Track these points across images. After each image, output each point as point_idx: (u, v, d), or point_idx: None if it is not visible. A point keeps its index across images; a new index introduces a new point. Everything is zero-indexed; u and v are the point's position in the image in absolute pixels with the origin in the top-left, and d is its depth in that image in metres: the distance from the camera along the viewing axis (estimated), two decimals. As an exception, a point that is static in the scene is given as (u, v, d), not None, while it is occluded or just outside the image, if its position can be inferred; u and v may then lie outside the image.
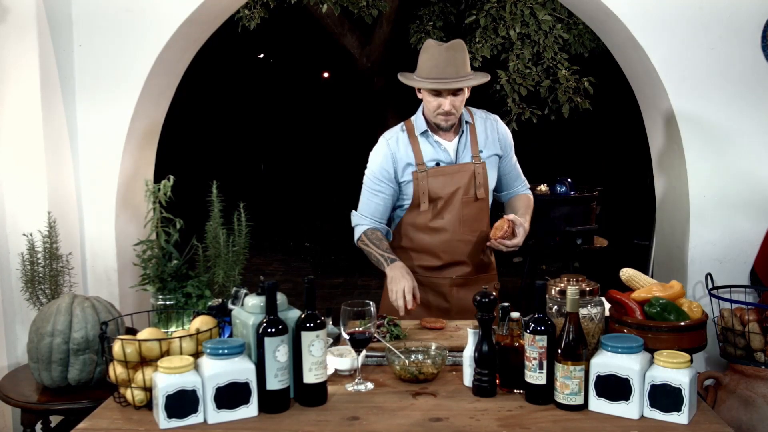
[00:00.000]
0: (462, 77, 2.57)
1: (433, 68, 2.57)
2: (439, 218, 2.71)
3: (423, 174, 2.68)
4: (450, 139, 2.73)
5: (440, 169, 2.69)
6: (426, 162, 2.69)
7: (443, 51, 2.57)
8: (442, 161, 2.70)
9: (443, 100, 2.60)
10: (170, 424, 1.79)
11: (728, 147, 3.01)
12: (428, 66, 2.59)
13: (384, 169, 2.69)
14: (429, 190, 2.68)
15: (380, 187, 2.71)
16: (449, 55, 2.57)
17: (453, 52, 2.57)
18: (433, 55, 2.59)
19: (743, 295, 3.00)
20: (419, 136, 2.70)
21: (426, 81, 2.59)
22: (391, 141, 2.72)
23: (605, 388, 1.84)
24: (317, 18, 7.60)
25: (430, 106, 2.65)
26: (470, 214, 2.72)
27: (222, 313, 2.16)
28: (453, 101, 2.60)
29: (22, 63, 2.90)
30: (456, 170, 2.70)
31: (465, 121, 2.74)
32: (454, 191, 2.69)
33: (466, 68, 2.60)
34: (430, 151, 2.70)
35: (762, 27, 2.93)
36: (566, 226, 4.98)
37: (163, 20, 3.08)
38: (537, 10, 5.91)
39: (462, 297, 2.73)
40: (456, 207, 2.70)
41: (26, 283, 2.78)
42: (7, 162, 2.94)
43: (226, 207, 2.70)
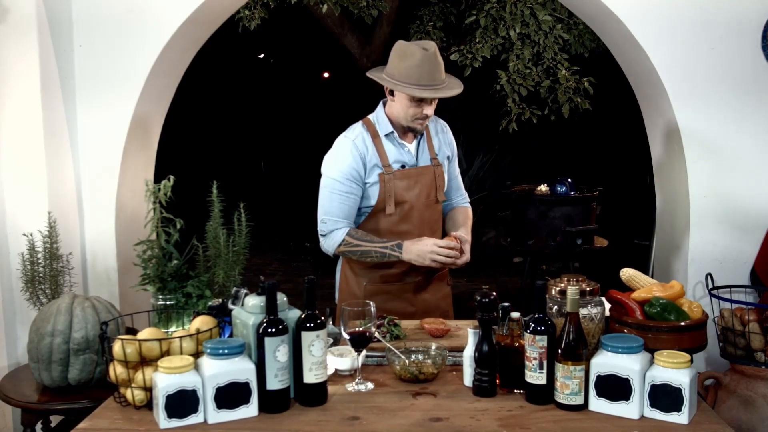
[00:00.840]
0: (446, 85, 2.57)
1: (425, 74, 2.51)
2: (405, 222, 2.66)
3: (390, 176, 2.63)
4: (410, 141, 2.71)
5: (405, 172, 2.66)
6: (392, 164, 2.64)
7: (431, 57, 2.51)
8: (407, 163, 2.67)
9: (427, 106, 2.57)
10: (170, 424, 1.79)
11: (728, 147, 3.01)
12: (417, 72, 2.51)
13: (354, 170, 2.61)
14: (395, 192, 2.63)
15: (350, 188, 2.62)
16: (436, 61, 2.53)
17: (435, 57, 2.53)
18: (423, 61, 2.51)
19: (743, 295, 3.00)
20: (384, 137, 2.65)
21: (418, 88, 2.51)
22: (357, 141, 2.63)
23: (605, 388, 1.84)
24: (317, 18, 7.60)
25: (408, 111, 2.58)
26: (431, 217, 2.73)
27: (222, 313, 2.16)
28: (433, 106, 2.60)
29: (23, 63, 2.90)
30: (419, 172, 2.68)
31: None
32: (418, 193, 2.66)
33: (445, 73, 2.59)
34: (394, 153, 2.66)
35: (762, 27, 2.93)
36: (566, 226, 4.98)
37: (164, 20, 3.08)
38: (537, 10, 5.91)
39: (424, 299, 2.73)
40: (420, 210, 2.68)
41: (26, 283, 2.78)
42: (8, 162, 2.95)
43: (226, 207, 2.69)
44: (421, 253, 2.53)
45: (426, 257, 2.53)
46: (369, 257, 2.61)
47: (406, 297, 2.72)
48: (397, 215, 2.66)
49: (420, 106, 2.57)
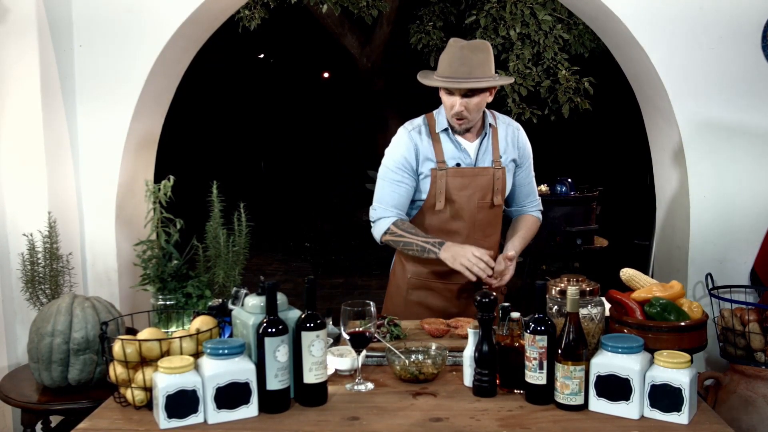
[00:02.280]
0: (474, 78, 2.49)
1: (447, 67, 2.52)
2: (455, 221, 2.65)
3: (442, 173, 2.61)
4: (471, 140, 2.66)
5: (460, 170, 2.63)
6: (446, 160, 2.63)
7: (458, 50, 2.51)
8: (463, 162, 2.64)
9: (454, 100, 2.53)
10: (170, 424, 1.79)
11: (728, 147, 3.01)
12: (444, 64, 2.54)
13: (406, 159, 2.62)
14: (447, 189, 2.62)
15: (402, 177, 2.62)
16: (464, 54, 2.49)
17: (469, 52, 2.50)
18: (450, 53, 2.53)
19: (743, 295, 3.00)
20: (440, 133, 2.64)
21: (437, 79, 2.53)
22: (413, 133, 2.65)
23: (605, 388, 1.84)
24: (317, 18, 7.60)
25: (445, 106, 2.59)
26: (485, 219, 2.67)
27: (222, 313, 2.16)
28: (465, 103, 2.52)
29: (23, 63, 2.90)
30: (476, 173, 2.64)
31: (488, 123, 2.67)
32: (471, 194, 2.63)
33: (482, 70, 2.51)
34: (451, 150, 2.64)
35: (762, 27, 2.93)
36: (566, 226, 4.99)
37: (163, 21, 3.08)
38: (537, 10, 5.91)
39: (470, 303, 2.68)
40: (472, 211, 2.64)
41: (26, 283, 2.78)
42: (8, 162, 2.95)
43: (226, 207, 2.69)
44: (456, 255, 2.49)
45: (458, 260, 2.48)
46: (410, 250, 2.59)
47: (448, 297, 2.70)
48: (447, 213, 2.65)
49: (450, 100, 2.54)
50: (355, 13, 6.76)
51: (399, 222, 2.62)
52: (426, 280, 2.71)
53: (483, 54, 2.53)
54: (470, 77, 2.49)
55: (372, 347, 2.16)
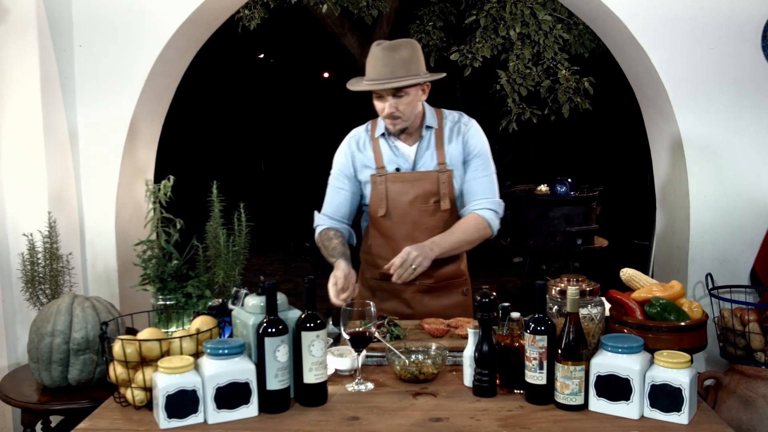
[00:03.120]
0: (398, 77, 2.42)
1: (371, 70, 2.47)
2: (398, 226, 2.60)
3: (381, 178, 2.58)
4: (410, 144, 2.60)
5: (400, 175, 2.58)
6: (386, 165, 2.60)
7: (380, 51, 2.45)
8: (402, 167, 2.59)
9: (384, 102, 2.47)
10: (170, 424, 1.79)
11: (728, 147, 3.01)
12: (368, 68, 2.49)
13: (344, 166, 2.64)
14: (387, 195, 2.58)
15: (342, 183, 2.64)
16: (385, 54, 2.44)
17: (390, 51, 2.44)
18: (372, 56, 2.47)
19: (743, 295, 3.00)
20: (379, 138, 2.62)
21: (363, 84, 2.48)
22: (352, 140, 2.66)
23: (605, 388, 1.84)
24: (317, 18, 7.60)
25: (377, 110, 2.53)
26: (431, 224, 2.58)
27: (222, 313, 2.16)
28: (396, 104, 2.46)
29: (23, 63, 2.90)
30: (417, 177, 2.57)
31: (426, 125, 2.59)
32: (413, 199, 2.57)
33: (406, 68, 2.44)
34: (389, 155, 2.60)
35: (762, 27, 2.93)
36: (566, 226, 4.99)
37: (163, 20, 3.08)
38: (537, 10, 5.91)
39: (426, 303, 2.64)
40: (415, 216, 2.58)
41: (26, 283, 2.78)
42: (8, 162, 2.95)
43: (226, 207, 2.70)
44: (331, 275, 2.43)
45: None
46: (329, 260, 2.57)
47: (404, 298, 2.67)
48: (390, 219, 2.60)
49: (380, 104, 2.49)
50: (355, 13, 6.76)
51: (323, 233, 2.64)
52: (380, 281, 2.69)
53: (406, 51, 2.45)
54: (393, 77, 2.43)
55: (372, 347, 2.16)
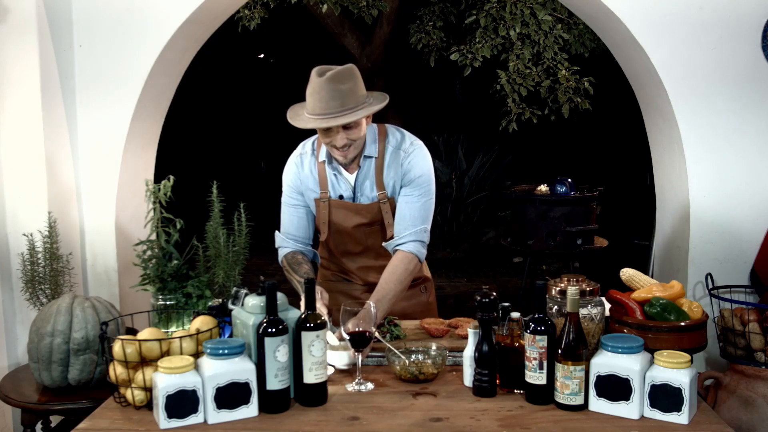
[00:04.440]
0: (349, 109, 2.30)
1: (317, 103, 2.31)
2: (339, 248, 2.59)
3: (324, 203, 2.54)
4: (352, 171, 2.52)
5: (343, 203, 2.53)
6: (329, 190, 2.55)
7: (325, 83, 2.29)
8: (344, 195, 2.53)
9: (334, 136, 2.36)
10: (170, 424, 1.79)
11: (728, 147, 3.01)
12: (312, 101, 2.33)
13: (296, 184, 2.59)
14: (330, 220, 2.56)
15: (297, 200, 2.60)
16: (331, 86, 2.29)
17: (336, 83, 2.29)
18: (315, 88, 2.31)
19: (743, 295, 3.00)
20: (324, 163, 2.54)
21: (311, 119, 2.34)
22: (298, 160, 2.59)
23: (605, 388, 1.84)
24: (317, 18, 7.60)
25: (325, 143, 2.43)
26: (377, 243, 2.56)
27: (222, 313, 2.16)
28: (347, 134, 2.35)
29: (23, 63, 2.90)
30: (360, 209, 2.52)
31: (365, 156, 2.49)
32: (356, 225, 2.53)
33: (354, 97, 2.32)
34: (333, 181, 2.54)
35: (762, 27, 2.93)
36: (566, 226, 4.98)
37: (164, 20, 3.08)
38: (537, 10, 5.91)
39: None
40: (360, 238, 2.57)
41: (26, 283, 2.78)
42: (8, 162, 2.95)
43: (226, 207, 2.69)
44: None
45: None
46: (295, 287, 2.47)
47: (359, 297, 2.62)
48: (335, 240, 2.60)
49: (329, 137, 2.37)
50: (355, 13, 6.76)
51: (290, 256, 2.57)
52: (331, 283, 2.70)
53: (351, 81, 2.33)
54: (344, 109, 2.30)
55: (372, 347, 2.16)
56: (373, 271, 2.61)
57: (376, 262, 2.61)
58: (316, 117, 2.33)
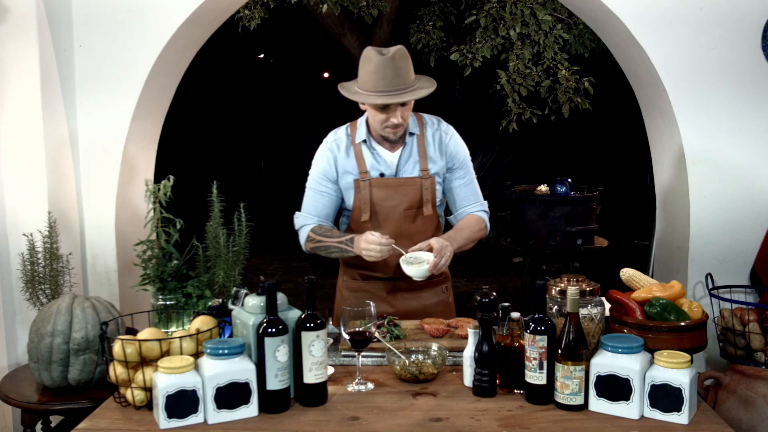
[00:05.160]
0: (410, 88, 2.43)
1: (380, 80, 2.41)
2: (380, 231, 2.57)
3: (365, 183, 2.58)
4: (392, 150, 2.61)
5: (384, 180, 2.59)
6: (369, 170, 2.59)
7: (389, 61, 2.41)
8: (385, 173, 2.60)
9: (391, 113, 2.46)
10: (170, 424, 1.79)
11: (728, 147, 3.01)
12: (373, 78, 2.42)
13: (326, 170, 2.63)
14: (371, 200, 2.59)
15: (325, 187, 2.64)
16: (395, 65, 2.41)
17: (398, 61, 2.42)
18: (378, 66, 2.41)
19: (743, 295, 3.00)
20: (361, 144, 2.61)
21: (373, 95, 2.43)
22: (333, 145, 2.64)
23: (605, 388, 1.84)
24: (317, 18, 7.60)
25: (376, 119, 2.50)
26: (414, 229, 2.61)
27: (222, 313, 2.16)
28: (402, 113, 2.47)
29: (23, 63, 2.90)
30: (401, 183, 2.58)
31: (409, 132, 2.60)
32: (397, 204, 2.58)
33: (411, 76, 2.46)
34: (371, 161, 2.60)
35: (762, 27, 2.93)
36: (566, 226, 4.99)
37: (164, 20, 3.08)
38: (537, 10, 5.91)
39: (407, 302, 2.65)
40: (398, 220, 2.60)
41: (26, 283, 2.78)
42: (8, 162, 2.95)
43: (226, 207, 2.69)
44: (358, 245, 2.46)
45: (361, 249, 2.45)
46: (332, 253, 2.58)
47: (384, 297, 2.67)
48: (373, 223, 2.60)
49: (386, 114, 2.47)
50: (355, 13, 6.76)
51: (317, 227, 2.62)
52: (360, 282, 2.71)
53: (408, 60, 2.47)
54: (407, 87, 2.43)
55: (372, 347, 2.16)
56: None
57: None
58: (380, 93, 2.42)
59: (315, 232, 2.61)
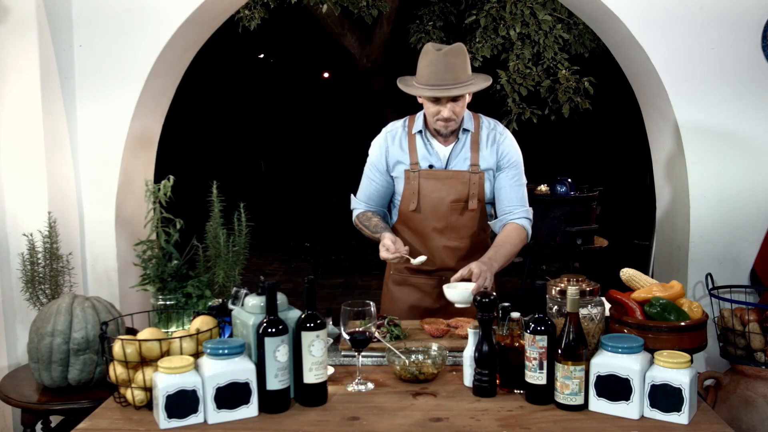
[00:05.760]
0: (461, 83, 2.52)
1: (432, 74, 2.52)
2: (428, 222, 2.67)
3: (415, 174, 2.65)
4: (445, 144, 2.68)
5: (433, 172, 2.66)
6: (420, 162, 2.67)
7: (441, 56, 2.51)
8: (435, 165, 2.67)
9: (442, 107, 2.55)
10: (170, 424, 1.79)
11: (728, 147, 3.01)
12: (427, 72, 2.53)
13: (378, 160, 2.72)
14: (419, 191, 2.65)
15: (374, 176, 2.73)
16: (448, 60, 2.51)
17: (452, 57, 2.51)
18: (432, 60, 2.53)
19: (743, 295, 3.00)
20: (416, 135, 2.69)
21: (424, 88, 2.54)
22: (388, 135, 2.73)
23: (605, 388, 1.84)
24: (317, 18, 7.60)
25: (429, 112, 2.61)
26: (459, 222, 2.67)
27: (222, 313, 2.16)
28: (453, 107, 2.55)
29: (23, 63, 2.90)
30: (450, 176, 2.65)
31: (463, 128, 2.67)
32: (444, 196, 2.64)
33: (466, 73, 2.54)
34: (423, 153, 2.68)
35: (762, 27, 2.93)
36: (566, 226, 4.99)
37: (164, 20, 3.08)
38: (537, 10, 5.91)
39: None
40: (444, 213, 2.65)
41: (26, 283, 2.78)
42: (8, 162, 2.95)
43: (226, 207, 2.69)
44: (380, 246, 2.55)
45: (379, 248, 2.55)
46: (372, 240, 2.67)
47: (431, 292, 2.72)
48: (420, 214, 2.67)
49: (437, 107, 2.56)
50: (355, 13, 6.76)
51: (361, 215, 2.74)
52: (406, 275, 2.76)
53: (463, 57, 2.55)
54: (457, 83, 2.51)
55: (372, 347, 2.16)
56: (451, 253, 2.68)
57: (457, 243, 2.68)
58: (430, 87, 2.52)
59: (359, 219, 2.74)
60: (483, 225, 2.75)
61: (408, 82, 2.64)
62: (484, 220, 2.75)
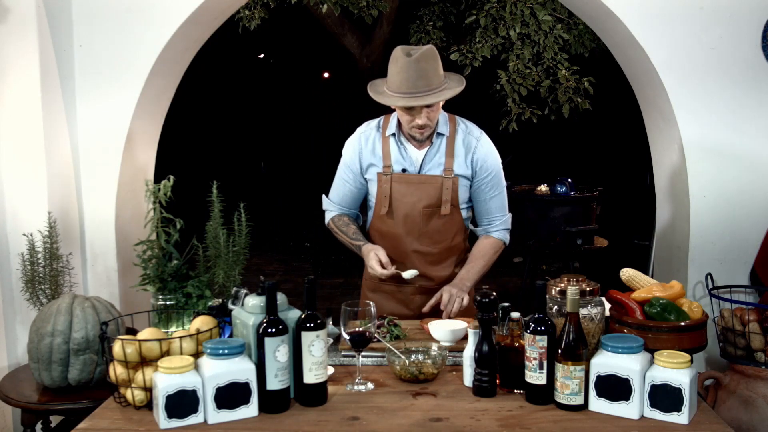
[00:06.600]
0: (435, 90, 2.41)
1: (404, 82, 2.40)
2: (398, 226, 2.62)
3: (387, 177, 2.60)
4: (418, 147, 2.61)
5: (405, 176, 2.60)
6: (393, 165, 2.61)
7: (413, 63, 2.39)
8: (408, 169, 2.61)
9: (416, 114, 2.46)
10: (170, 424, 1.79)
11: (728, 147, 3.01)
12: (398, 80, 2.42)
13: (351, 161, 2.68)
14: (391, 195, 2.60)
15: (347, 177, 2.70)
16: (419, 66, 2.39)
17: (423, 63, 2.39)
18: (402, 67, 2.40)
19: (743, 295, 3.00)
20: (390, 137, 2.62)
21: (397, 97, 2.43)
22: (362, 136, 2.68)
23: (605, 388, 1.84)
24: (317, 18, 7.60)
25: (403, 119, 2.52)
26: (433, 227, 2.62)
27: (222, 313, 2.16)
28: (427, 113, 2.46)
29: (23, 62, 2.90)
30: (422, 180, 2.59)
31: (438, 132, 2.59)
32: (416, 201, 2.59)
33: (438, 77, 2.44)
34: (396, 156, 2.61)
35: (762, 27, 2.93)
36: (566, 226, 4.99)
37: (164, 20, 3.08)
38: (537, 10, 5.91)
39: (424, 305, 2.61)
40: (416, 218, 2.60)
41: (26, 283, 2.78)
42: (8, 162, 2.95)
43: (226, 207, 2.69)
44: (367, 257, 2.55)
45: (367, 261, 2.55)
46: (346, 245, 2.66)
47: (402, 299, 2.69)
48: (391, 218, 2.63)
49: (411, 115, 2.47)
50: (355, 13, 6.76)
51: (337, 218, 2.73)
52: (377, 283, 2.71)
53: (435, 61, 2.44)
54: (431, 89, 2.41)
55: (372, 347, 2.16)
56: (422, 258, 2.64)
57: (429, 248, 2.63)
58: (403, 95, 2.42)
59: (334, 222, 2.72)
60: (458, 229, 2.68)
61: (379, 88, 2.53)
62: (459, 225, 2.67)
